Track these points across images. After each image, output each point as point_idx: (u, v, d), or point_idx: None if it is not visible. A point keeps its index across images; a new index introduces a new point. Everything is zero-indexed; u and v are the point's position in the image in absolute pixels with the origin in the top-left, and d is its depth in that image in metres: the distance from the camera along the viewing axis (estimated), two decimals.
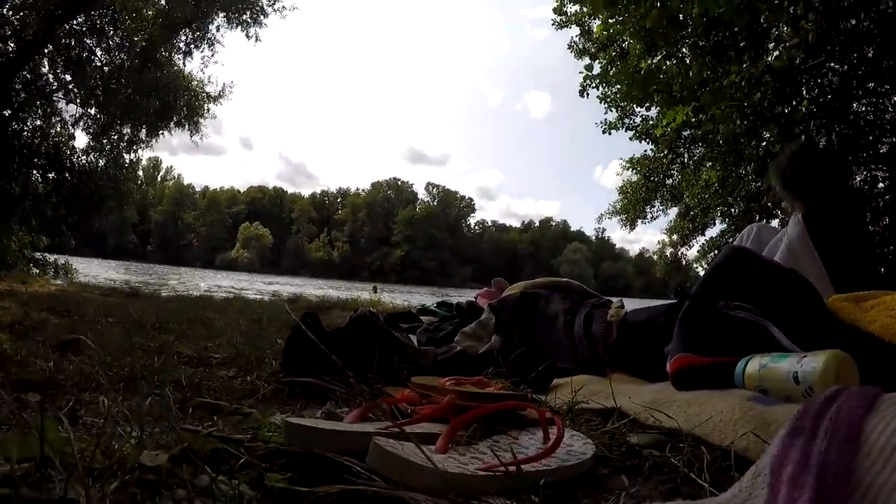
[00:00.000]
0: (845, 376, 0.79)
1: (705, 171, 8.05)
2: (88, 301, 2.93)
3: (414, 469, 0.50)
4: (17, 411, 0.71)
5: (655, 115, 7.65)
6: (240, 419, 0.82)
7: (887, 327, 0.95)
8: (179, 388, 1.04)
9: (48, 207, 10.28)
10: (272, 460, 0.62)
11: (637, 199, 9.82)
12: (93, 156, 10.65)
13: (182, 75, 10.87)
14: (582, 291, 1.84)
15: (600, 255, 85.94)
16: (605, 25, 5.61)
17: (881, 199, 6.23)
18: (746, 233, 2.17)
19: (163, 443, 0.60)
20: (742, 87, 4.67)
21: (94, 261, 32.49)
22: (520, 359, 1.30)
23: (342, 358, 1.21)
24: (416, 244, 77.81)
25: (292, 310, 3.39)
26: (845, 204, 1.90)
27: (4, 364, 1.17)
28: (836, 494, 0.39)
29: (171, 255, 74.03)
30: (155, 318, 2.17)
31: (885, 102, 5.97)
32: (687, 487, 0.62)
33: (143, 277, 17.56)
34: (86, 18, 9.47)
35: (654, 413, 0.85)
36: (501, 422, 0.78)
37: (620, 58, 6.41)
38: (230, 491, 0.49)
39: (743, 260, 1.20)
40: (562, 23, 8.55)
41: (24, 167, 9.58)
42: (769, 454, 0.46)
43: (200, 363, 1.41)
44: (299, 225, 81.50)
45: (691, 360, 1.02)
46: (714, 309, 1.10)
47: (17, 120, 9.32)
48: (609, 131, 8.60)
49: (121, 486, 0.48)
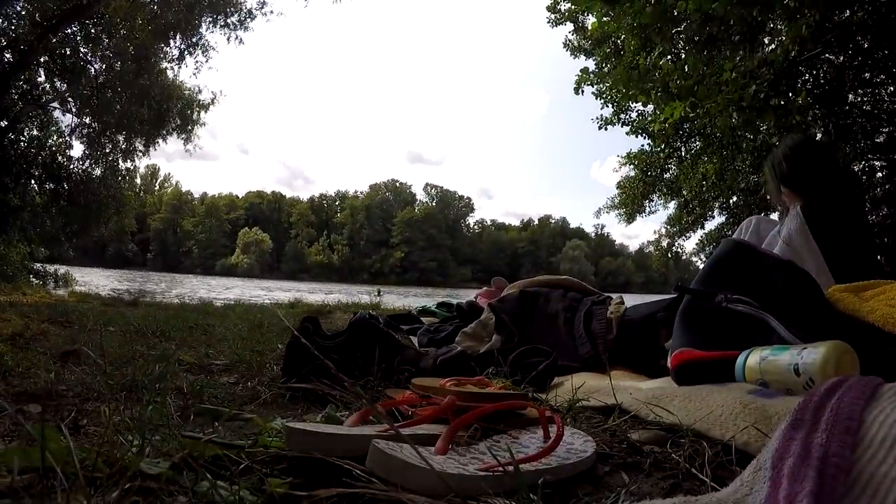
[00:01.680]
0: (846, 367, 0.79)
1: (702, 165, 8.05)
2: (89, 311, 2.92)
3: (413, 471, 0.50)
4: (20, 422, 0.71)
5: (652, 110, 7.66)
6: (241, 425, 0.82)
7: (886, 317, 0.95)
8: (181, 395, 1.04)
9: (46, 218, 10.28)
10: (273, 465, 0.62)
11: (635, 194, 9.83)
12: (89, 164, 10.66)
13: (175, 83, 10.88)
14: (581, 289, 1.84)
15: (600, 251, 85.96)
16: (601, 22, 5.62)
17: (879, 188, 6.24)
18: (745, 225, 2.17)
19: (164, 450, 0.60)
20: (737, 80, 4.67)
21: (93, 270, 32.52)
22: (520, 358, 1.30)
23: (343, 361, 1.21)
24: (415, 245, 77.82)
25: (293, 314, 3.39)
26: (843, 195, 1.90)
27: (6, 376, 1.17)
28: (837, 486, 0.38)
29: (170, 262, 74.07)
30: (156, 326, 2.16)
31: (881, 93, 5.98)
32: (688, 483, 0.61)
33: (143, 286, 17.57)
34: (80, 27, 9.47)
35: (655, 409, 0.85)
36: (502, 421, 0.78)
37: (615, 54, 6.42)
38: (231, 497, 0.49)
39: (742, 253, 1.19)
40: (556, 20, 8.57)
41: (21, 178, 9.57)
42: (770, 448, 0.46)
43: (202, 370, 1.41)
44: (298, 229, 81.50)
45: (692, 355, 1.02)
46: (713, 303, 1.10)
47: (13, 130, 9.32)
48: (605, 127, 8.62)
49: (122, 494, 0.48)
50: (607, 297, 1.74)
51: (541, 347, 1.35)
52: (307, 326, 1.30)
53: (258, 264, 73.78)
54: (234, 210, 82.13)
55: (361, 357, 1.21)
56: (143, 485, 0.51)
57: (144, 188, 69.30)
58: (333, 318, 3.36)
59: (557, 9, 8.40)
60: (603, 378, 1.25)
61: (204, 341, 1.90)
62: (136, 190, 14.53)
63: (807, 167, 1.93)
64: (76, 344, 1.58)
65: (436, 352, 1.35)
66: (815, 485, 0.38)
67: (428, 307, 3.11)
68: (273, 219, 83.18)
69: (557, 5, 8.35)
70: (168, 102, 10.56)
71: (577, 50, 8.64)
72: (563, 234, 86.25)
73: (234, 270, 70.04)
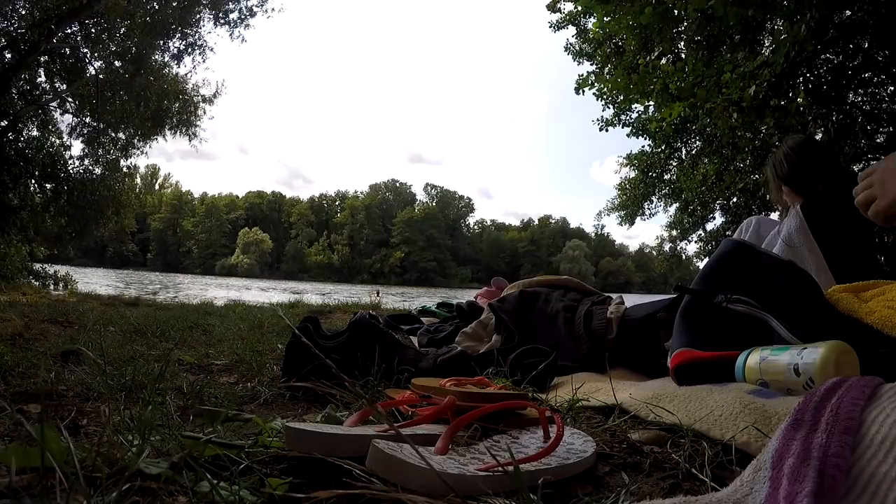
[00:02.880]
0: (845, 367, 0.79)
1: (703, 166, 8.05)
2: (89, 311, 2.92)
3: (413, 471, 0.50)
4: (19, 422, 0.71)
5: (652, 110, 7.66)
6: (241, 425, 0.82)
7: (885, 319, 0.95)
8: (181, 395, 1.04)
9: (46, 218, 10.28)
10: (273, 465, 0.62)
11: (636, 195, 9.83)
12: (89, 164, 10.67)
13: (174, 80, 10.88)
14: (582, 289, 1.84)
15: (600, 251, 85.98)
16: (601, 24, 5.61)
17: None
18: (745, 225, 2.18)
19: (164, 450, 0.60)
20: (737, 81, 4.67)
21: (94, 271, 32.51)
22: (520, 358, 1.30)
23: (343, 361, 1.21)
24: (415, 245, 77.83)
25: (293, 314, 3.39)
26: (843, 195, 1.90)
27: (6, 376, 1.17)
28: (837, 487, 0.38)
29: (171, 262, 74.15)
30: (156, 326, 2.16)
31: (881, 93, 5.98)
32: (688, 483, 0.61)
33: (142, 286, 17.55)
34: (80, 27, 9.47)
35: (655, 409, 0.85)
36: (502, 421, 0.78)
37: (616, 54, 6.41)
38: (231, 497, 0.49)
39: (742, 253, 1.19)
40: (558, 23, 8.56)
41: (21, 178, 9.57)
42: (770, 448, 0.46)
43: (202, 370, 1.41)
44: (298, 229, 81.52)
45: (692, 355, 1.02)
46: (713, 303, 1.10)
47: (13, 130, 9.32)
48: (606, 128, 8.62)
49: (122, 494, 0.48)
50: (607, 297, 1.74)
51: (541, 347, 1.35)
52: (307, 326, 1.30)
53: (258, 264, 73.82)
54: (234, 210, 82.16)
55: (361, 357, 1.21)
56: (143, 485, 0.51)
57: (144, 188, 69.29)
58: (333, 319, 3.36)
59: (558, 7, 8.39)
60: (603, 378, 1.25)
61: (204, 341, 1.90)
62: (137, 190, 14.51)
63: (808, 167, 1.93)
64: (76, 344, 1.58)
65: (436, 352, 1.35)
66: (815, 485, 0.38)
67: (428, 307, 3.11)
68: (273, 219, 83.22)
69: (558, 3, 8.34)
70: (167, 98, 10.55)
71: (579, 55, 8.64)
72: (563, 234, 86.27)
73: (234, 270, 70.10)
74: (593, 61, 7.88)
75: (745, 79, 4.64)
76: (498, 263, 78.08)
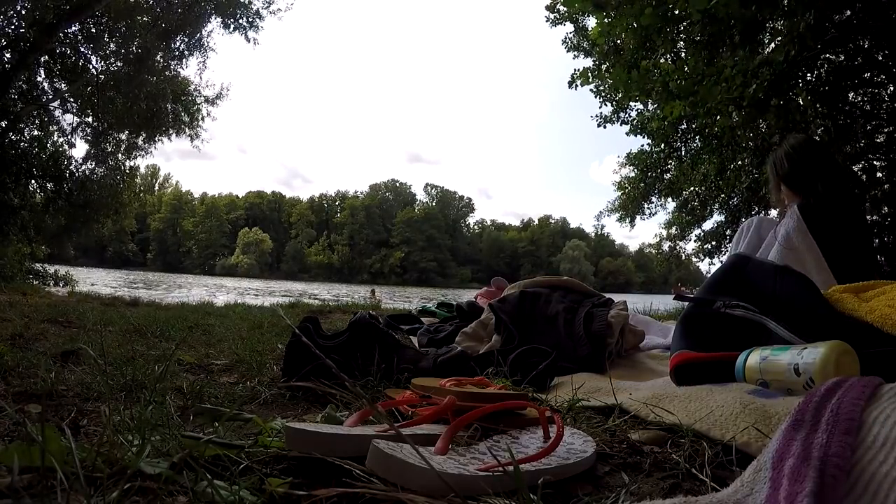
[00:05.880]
0: (846, 367, 0.79)
1: (703, 165, 8.04)
2: (89, 311, 2.92)
3: (413, 471, 0.50)
4: (20, 422, 0.70)
5: (651, 109, 7.65)
6: (241, 425, 0.82)
7: (885, 317, 0.95)
8: (181, 395, 1.04)
9: (47, 217, 10.28)
10: (273, 465, 0.62)
11: (635, 195, 9.82)
12: (90, 164, 10.67)
13: (177, 81, 10.88)
14: (582, 290, 1.84)
15: (600, 251, 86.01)
16: (600, 25, 5.61)
17: (879, 188, 6.23)
18: (746, 225, 2.17)
19: (164, 450, 0.60)
20: (737, 80, 4.67)
21: (94, 270, 32.50)
22: (520, 358, 1.30)
23: (343, 361, 1.21)
24: (415, 245, 77.85)
25: (292, 314, 3.39)
26: (841, 194, 1.90)
27: (6, 376, 1.17)
28: (838, 487, 0.38)
29: (170, 262, 74.17)
30: (156, 326, 2.16)
31: (881, 92, 5.97)
32: (688, 483, 0.61)
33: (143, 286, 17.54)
34: (81, 27, 9.47)
35: (655, 409, 0.85)
36: (502, 421, 0.78)
37: (614, 52, 6.40)
38: (231, 497, 0.49)
39: (740, 264, 1.20)
40: (556, 20, 8.56)
41: (21, 177, 9.57)
42: (770, 448, 0.46)
43: (202, 370, 1.41)
44: (298, 229, 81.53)
45: (691, 356, 1.03)
46: (712, 308, 1.11)
47: (14, 130, 9.32)
48: (604, 125, 8.62)
49: (122, 494, 0.48)
50: (608, 299, 1.74)
51: (541, 348, 1.35)
52: (307, 326, 1.30)
53: (258, 264, 73.84)
54: (234, 210, 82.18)
55: (361, 357, 1.21)
56: (143, 485, 0.51)
57: (144, 188, 69.29)
58: (333, 319, 3.35)
59: (556, 8, 8.39)
60: (603, 378, 1.25)
61: (204, 341, 1.90)
62: (137, 190, 14.49)
63: (807, 166, 1.93)
64: (76, 344, 1.58)
65: (436, 352, 1.35)
66: (816, 485, 0.38)
67: (428, 307, 3.11)
68: (273, 219, 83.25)
69: (556, 4, 8.34)
70: (171, 99, 10.55)
71: (577, 49, 8.64)
72: (563, 234, 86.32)
73: (234, 270, 70.11)
74: (591, 56, 7.89)
75: (747, 76, 4.64)
76: (498, 263, 78.09)
